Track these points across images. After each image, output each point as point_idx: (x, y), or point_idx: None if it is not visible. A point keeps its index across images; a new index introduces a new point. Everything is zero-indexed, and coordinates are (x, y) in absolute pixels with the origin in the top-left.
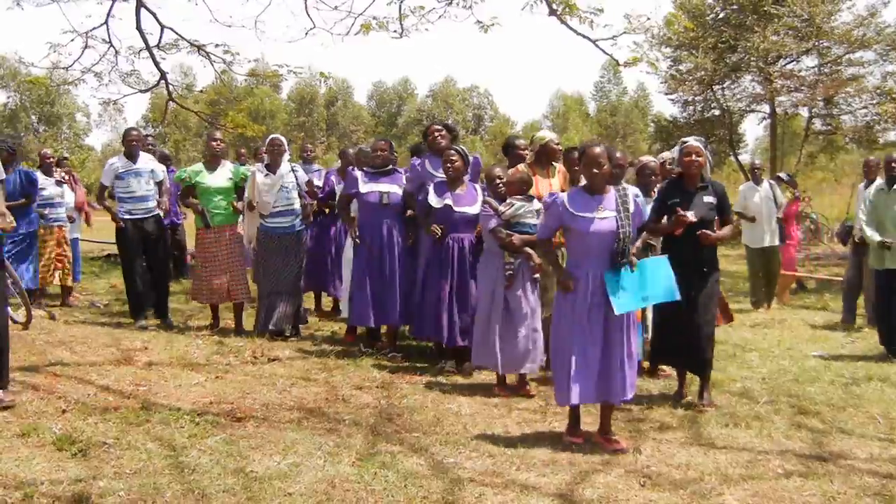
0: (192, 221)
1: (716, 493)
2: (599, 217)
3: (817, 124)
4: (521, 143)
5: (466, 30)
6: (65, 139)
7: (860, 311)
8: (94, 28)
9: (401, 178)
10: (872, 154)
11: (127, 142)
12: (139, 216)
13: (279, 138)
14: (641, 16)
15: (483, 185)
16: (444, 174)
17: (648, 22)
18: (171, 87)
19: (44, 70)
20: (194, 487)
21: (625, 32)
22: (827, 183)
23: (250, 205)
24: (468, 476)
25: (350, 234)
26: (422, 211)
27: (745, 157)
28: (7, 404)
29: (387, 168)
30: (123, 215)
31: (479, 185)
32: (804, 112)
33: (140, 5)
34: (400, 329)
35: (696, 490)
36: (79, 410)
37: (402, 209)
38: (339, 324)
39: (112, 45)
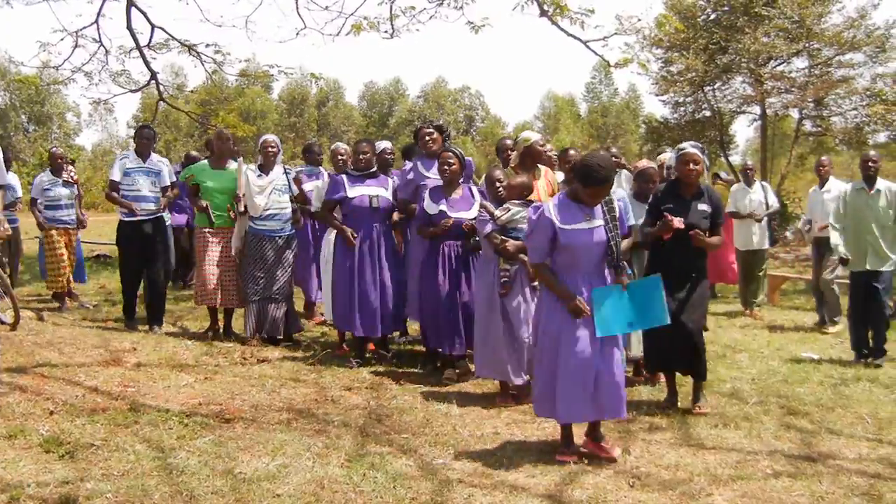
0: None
1: (705, 494)
2: (589, 227)
3: (807, 126)
4: (507, 144)
5: (458, 30)
6: (55, 139)
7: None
8: (85, 27)
9: (387, 181)
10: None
11: (139, 139)
12: (141, 217)
13: (273, 139)
14: (632, 17)
15: (480, 188)
16: (441, 177)
17: (639, 23)
18: (162, 87)
19: (34, 69)
20: (183, 489)
21: (616, 33)
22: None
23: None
24: (457, 477)
25: (345, 238)
26: (420, 219)
27: (736, 159)
28: None
29: (371, 170)
30: (124, 217)
31: (476, 188)
32: (794, 113)
33: (131, 4)
34: (390, 336)
35: (686, 491)
36: (66, 412)
37: (389, 214)
38: (329, 327)
39: (102, 45)
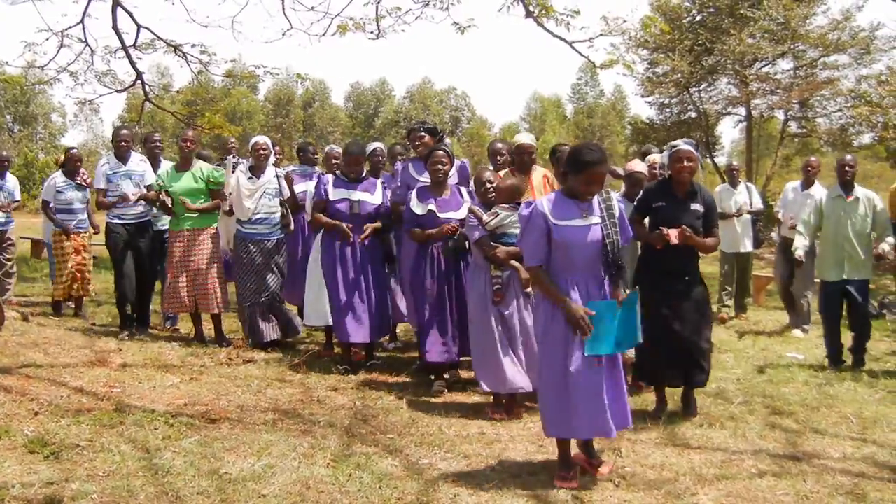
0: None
1: (690, 493)
2: (585, 224)
3: (793, 127)
4: (498, 147)
5: (444, 31)
6: (40, 139)
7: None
8: (70, 27)
9: (375, 185)
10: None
11: (116, 142)
12: (128, 220)
13: (265, 141)
14: (618, 18)
15: (470, 189)
16: (432, 176)
17: (625, 24)
18: (148, 87)
19: (19, 69)
20: (168, 489)
21: (601, 34)
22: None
23: (229, 210)
24: (443, 477)
25: (340, 233)
26: (409, 221)
27: (722, 160)
28: None
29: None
30: (112, 219)
31: (466, 189)
32: (780, 115)
33: (116, 4)
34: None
35: (671, 490)
36: (51, 412)
37: (372, 219)
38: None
39: (88, 45)
